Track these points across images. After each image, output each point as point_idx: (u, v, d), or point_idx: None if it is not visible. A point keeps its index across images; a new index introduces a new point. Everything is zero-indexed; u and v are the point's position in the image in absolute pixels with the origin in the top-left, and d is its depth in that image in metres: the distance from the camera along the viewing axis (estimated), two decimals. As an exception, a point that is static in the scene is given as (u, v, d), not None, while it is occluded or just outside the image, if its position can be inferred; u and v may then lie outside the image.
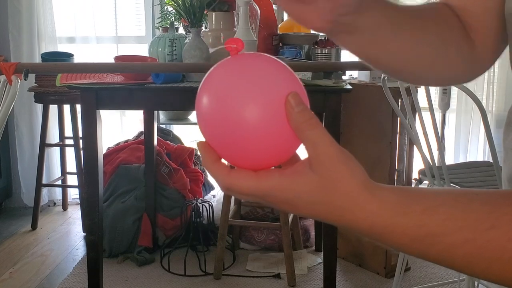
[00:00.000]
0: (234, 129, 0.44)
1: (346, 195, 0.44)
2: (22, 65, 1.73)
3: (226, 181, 0.46)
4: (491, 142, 1.75)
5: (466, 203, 0.44)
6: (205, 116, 0.46)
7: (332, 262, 2.10)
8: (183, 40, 2.21)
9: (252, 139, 0.44)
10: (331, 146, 0.44)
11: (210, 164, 0.47)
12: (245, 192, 0.46)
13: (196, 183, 3.07)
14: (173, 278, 2.57)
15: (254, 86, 0.44)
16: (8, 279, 2.61)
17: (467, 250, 0.43)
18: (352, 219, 0.45)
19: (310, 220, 2.90)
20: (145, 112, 2.79)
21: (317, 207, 0.45)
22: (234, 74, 0.45)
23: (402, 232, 0.44)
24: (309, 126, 0.44)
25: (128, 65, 2.05)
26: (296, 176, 0.45)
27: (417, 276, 2.56)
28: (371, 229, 0.45)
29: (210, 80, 0.47)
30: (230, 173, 0.46)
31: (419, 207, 0.44)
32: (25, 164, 3.54)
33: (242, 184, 0.46)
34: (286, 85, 0.45)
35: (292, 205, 0.46)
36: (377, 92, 2.22)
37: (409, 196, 0.45)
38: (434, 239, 0.43)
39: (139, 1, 3.58)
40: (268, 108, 0.44)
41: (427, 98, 1.80)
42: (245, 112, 0.44)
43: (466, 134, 3.45)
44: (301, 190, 0.45)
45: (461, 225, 0.43)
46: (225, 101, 0.44)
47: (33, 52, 3.43)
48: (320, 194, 0.45)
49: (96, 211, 2.04)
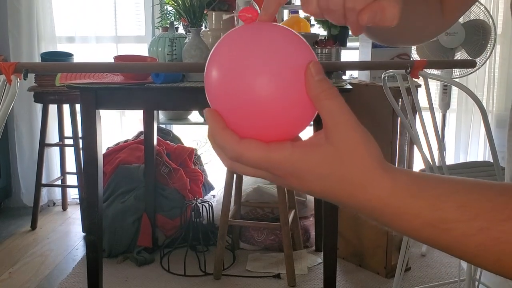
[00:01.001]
0: (247, 98, 0.42)
1: (361, 169, 0.42)
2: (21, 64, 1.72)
3: (236, 150, 0.43)
4: (492, 142, 1.75)
5: (482, 192, 0.43)
6: (215, 84, 0.44)
7: (332, 262, 2.09)
8: (183, 39, 2.21)
9: (265, 109, 0.42)
10: (350, 116, 0.43)
11: (219, 131, 0.44)
12: (253, 163, 0.44)
13: (196, 183, 3.07)
14: (172, 278, 2.56)
15: (269, 53, 0.42)
16: (7, 279, 2.61)
17: (481, 240, 0.41)
18: (363, 197, 0.43)
19: (310, 220, 2.90)
20: (144, 112, 2.78)
21: (328, 182, 0.43)
22: (248, 40, 0.43)
23: (415, 215, 0.42)
24: (329, 95, 0.42)
25: (128, 65, 2.05)
26: (310, 148, 0.43)
27: (417, 276, 2.56)
28: (383, 209, 0.43)
29: (223, 46, 0.44)
30: (240, 141, 0.43)
31: (435, 192, 0.42)
32: (24, 164, 3.53)
33: (252, 154, 0.43)
34: (302, 54, 0.44)
35: (301, 179, 0.44)
36: (377, 92, 2.22)
37: (424, 180, 0.43)
38: (448, 225, 0.42)
39: (138, 1, 3.58)
40: (283, 76, 0.42)
41: (428, 98, 1.79)
42: (260, 80, 0.42)
43: (467, 134, 3.44)
44: (314, 162, 0.43)
45: (476, 213, 0.41)
46: (238, 69, 0.42)
47: (33, 52, 3.43)
48: (333, 167, 0.43)
49: (95, 211, 2.04)
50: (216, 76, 0.44)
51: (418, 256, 2.75)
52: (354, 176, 0.43)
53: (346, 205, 0.45)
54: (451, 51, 2.75)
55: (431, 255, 2.77)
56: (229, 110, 0.43)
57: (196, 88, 1.98)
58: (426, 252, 2.78)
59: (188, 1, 2.11)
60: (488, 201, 0.42)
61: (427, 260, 2.72)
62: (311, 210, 2.88)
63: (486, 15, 2.77)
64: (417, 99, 1.90)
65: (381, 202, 0.43)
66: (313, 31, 2.81)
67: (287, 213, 2.41)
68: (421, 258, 2.74)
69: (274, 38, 0.43)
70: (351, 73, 2.67)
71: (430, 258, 2.74)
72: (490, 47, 2.76)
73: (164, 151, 3.00)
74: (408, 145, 2.59)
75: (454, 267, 2.60)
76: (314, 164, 0.43)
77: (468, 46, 2.73)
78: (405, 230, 0.44)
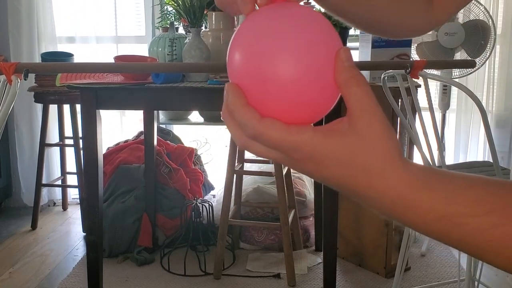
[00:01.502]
0: (273, 75, 0.41)
1: (382, 159, 0.42)
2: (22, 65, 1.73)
3: (256, 128, 0.42)
4: (491, 142, 1.75)
5: (496, 188, 0.42)
6: (241, 57, 0.43)
7: (332, 262, 2.10)
8: (183, 40, 2.21)
9: (290, 89, 0.41)
10: (377, 107, 0.42)
11: (240, 106, 0.43)
12: (273, 143, 0.43)
13: (196, 183, 3.07)
14: (173, 278, 2.57)
15: (299, 32, 0.42)
16: (7, 279, 2.61)
17: (494, 236, 0.41)
18: (380, 187, 0.43)
19: (310, 220, 2.90)
20: (145, 112, 2.79)
21: (346, 169, 0.43)
22: (279, 17, 0.42)
23: (429, 208, 0.42)
24: (358, 82, 0.42)
25: (128, 65, 2.05)
26: (332, 133, 0.43)
27: (417, 276, 2.56)
28: (397, 200, 0.43)
29: (251, 22, 0.43)
30: (262, 119, 0.42)
31: (450, 186, 0.42)
32: (25, 164, 3.54)
33: (273, 134, 0.42)
34: (331, 39, 0.43)
35: (319, 163, 0.43)
36: (377, 92, 2.22)
37: (440, 174, 0.43)
38: (462, 219, 0.41)
39: (139, 1, 3.58)
40: (312, 58, 0.42)
41: (427, 98, 1.80)
42: (288, 59, 0.41)
43: (466, 134, 3.45)
44: (334, 147, 0.42)
45: (491, 208, 0.41)
46: (268, 44, 0.41)
47: (33, 52, 3.43)
48: (354, 154, 0.42)
49: (96, 211, 2.04)
50: (242, 50, 0.43)
51: (418, 256, 2.76)
52: (374, 165, 0.42)
53: (361, 195, 0.44)
54: (451, 51, 2.75)
55: (431, 255, 2.77)
56: (252, 86, 0.42)
57: (196, 88, 1.98)
58: (426, 252, 2.78)
59: (188, 1, 2.11)
60: (502, 196, 0.42)
61: (427, 260, 2.73)
62: (311, 210, 2.89)
63: (486, 15, 2.77)
64: (417, 99, 1.91)
65: (397, 192, 0.43)
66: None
67: (287, 213, 2.41)
68: (421, 258, 2.74)
69: (304, 18, 0.43)
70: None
71: (430, 258, 2.74)
72: (489, 47, 2.76)
73: (164, 151, 3.00)
74: (407, 145, 2.59)
75: (454, 267, 2.61)
76: (334, 149, 0.42)
77: (467, 46, 2.73)
78: (418, 223, 0.43)
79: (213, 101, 2.01)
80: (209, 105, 2.11)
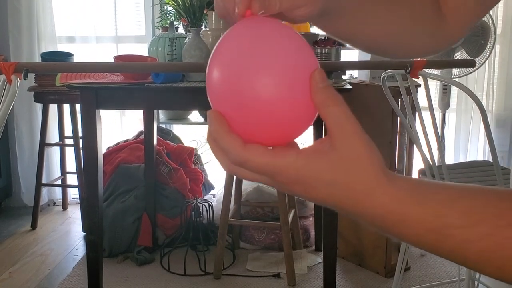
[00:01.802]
0: (252, 98, 0.42)
1: (365, 177, 0.42)
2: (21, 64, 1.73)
3: (241, 155, 0.43)
4: (491, 142, 1.75)
5: (485, 198, 0.43)
6: (219, 83, 0.43)
7: (332, 261, 2.10)
8: (183, 39, 2.21)
9: (270, 110, 0.42)
10: (356, 124, 0.43)
11: (223, 134, 0.43)
12: (257, 169, 0.43)
13: (196, 183, 3.07)
14: (173, 277, 2.57)
15: (274, 52, 0.42)
16: (7, 279, 2.61)
17: (483, 246, 0.41)
18: (367, 204, 0.43)
19: (310, 220, 2.90)
20: (145, 111, 2.79)
21: (332, 189, 0.43)
22: (253, 38, 0.43)
23: (418, 221, 0.42)
24: (335, 102, 0.42)
25: (128, 64, 2.05)
26: (315, 154, 0.43)
27: (417, 275, 2.56)
28: (386, 216, 0.43)
29: (225, 44, 0.44)
30: (245, 146, 0.43)
31: (438, 197, 0.43)
32: (24, 163, 3.54)
33: (257, 160, 0.42)
34: (305, 54, 0.44)
35: (305, 185, 0.43)
36: (377, 92, 2.22)
37: (426, 186, 0.44)
38: (451, 230, 0.42)
39: (139, 1, 3.58)
40: (289, 77, 0.42)
41: (427, 98, 1.79)
42: (266, 80, 0.41)
43: (466, 133, 3.45)
44: (318, 168, 0.42)
45: (479, 218, 0.41)
46: (244, 68, 0.42)
47: (33, 52, 3.43)
48: (338, 174, 0.42)
49: (96, 211, 2.04)
50: (220, 75, 0.43)
51: (417, 255, 2.76)
52: (358, 183, 0.43)
53: (350, 212, 0.45)
54: (451, 51, 2.75)
55: (431, 255, 2.76)
56: (233, 111, 0.43)
57: (196, 88, 1.98)
58: (425, 252, 2.78)
59: (188, 1, 2.11)
60: (491, 207, 0.42)
61: (427, 259, 2.73)
62: (311, 210, 2.89)
63: (486, 15, 2.77)
64: (417, 99, 1.91)
65: (385, 209, 0.43)
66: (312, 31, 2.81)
67: (287, 212, 2.41)
68: (420, 257, 2.74)
69: (277, 36, 0.43)
70: (351, 73, 2.67)
71: (430, 257, 2.74)
72: (489, 47, 2.76)
73: (164, 150, 3.00)
74: (407, 145, 2.59)
75: (454, 266, 2.61)
76: (318, 170, 0.43)
77: (467, 46, 2.73)
78: (408, 236, 0.44)
79: (213, 100, 2.00)
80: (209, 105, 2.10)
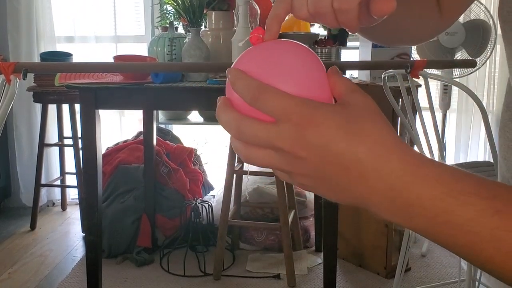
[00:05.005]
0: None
1: (378, 124, 0.44)
2: (20, 64, 1.72)
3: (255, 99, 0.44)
4: (492, 142, 1.74)
5: (495, 181, 0.42)
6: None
7: (332, 262, 2.09)
8: (183, 39, 2.20)
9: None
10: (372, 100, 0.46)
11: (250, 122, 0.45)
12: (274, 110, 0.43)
13: (196, 183, 3.06)
14: (172, 278, 2.56)
15: (289, 71, 0.45)
16: (7, 280, 2.60)
17: (497, 224, 0.39)
18: (383, 154, 0.42)
19: (310, 221, 2.89)
20: (144, 112, 2.78)
21: (345, 133, 0.42)
22: (269, 60, 0.46)
23: (436, 179, 0.41)
24: (356, 87, 0.47)
25: (127, 64, 2.04)
26: (322, 104, 0.45)
27: (418, 276, 2.55)
28: (406, 168, 0.41)
29: (255, 53, 0.47)
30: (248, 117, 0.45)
31: (453, 168, 0.42)
32: (24, 164, 3.53)
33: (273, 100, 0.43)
34: (317, 67, 0.47)
35: (316, 132, 0.42)
36: (377, 92, 2.21)
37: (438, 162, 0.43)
38: (468, 197, 0.39)
39: (138, 1, 3.57)
40: (305, 82, 0.45)
41: (428, 98, 1.79)
42: (286, 82, 0.44)
43: (467, 134, 3.44)
44: (328, 114, 0.43)
45: (494, 193, 0.40)
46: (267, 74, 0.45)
47: (32, 52, 3.42)
48: (348, 118, 0.43)
49: (95, 211, 2.03)
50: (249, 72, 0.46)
51: (418, 256, 2.75)
52: (372, 130, 0.43)
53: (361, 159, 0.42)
54: (451, 51, 2.74)
55: (431, 255, 2.76)
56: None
57: (195, 88, 1.97)
58: (426, 253, 2.77)
59: (188, 1, 2.11)
60: (502, 188, 0.41)
61: (427, 260, 2.72)
62: (311, 210, 2.88)
63: (487, 15, 2.76)
64: (417, 99, 1.90)
65: (404, 159, 0.42)
66: (313, 31, 2.80)
67: (287, 213, 2.41)
68: (421, 258, 2.74)
69: (290, 57, 0.46)
70: (351, 73, 2.66)
71: (430, 258, 2.74)
72: (490, 47, 2.75)
73: (163, 151, 3.00)
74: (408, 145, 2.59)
75: (455, 267, 2.60)
76: (330, 114, 0.43)
77: (468, 46, 2.73)
78: (423, 200, 0.40)
79: (212, 101, 1.97)
80: (209, 105, 2.10)
